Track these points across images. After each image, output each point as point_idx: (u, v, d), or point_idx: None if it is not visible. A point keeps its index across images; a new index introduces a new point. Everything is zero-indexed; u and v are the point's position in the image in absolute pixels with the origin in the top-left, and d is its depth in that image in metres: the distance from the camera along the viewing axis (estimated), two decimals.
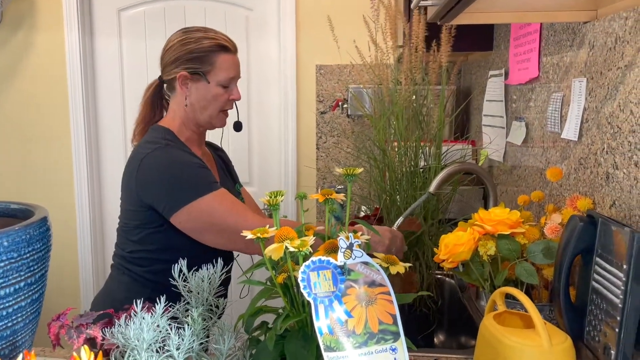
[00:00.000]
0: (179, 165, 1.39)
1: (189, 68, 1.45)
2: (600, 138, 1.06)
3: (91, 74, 2.76)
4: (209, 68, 1.46)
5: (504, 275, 1.16)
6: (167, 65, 1.49)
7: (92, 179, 2.79)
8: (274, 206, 0.89)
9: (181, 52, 1.45)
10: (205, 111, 1.49)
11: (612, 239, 0.89)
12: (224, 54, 1.48)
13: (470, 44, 1.99)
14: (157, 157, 1.38)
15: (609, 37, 1.02)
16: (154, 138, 1.45)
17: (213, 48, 1.46)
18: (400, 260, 0.91)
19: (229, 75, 1.49)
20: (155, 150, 1.39)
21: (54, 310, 0.98)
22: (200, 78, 1.46)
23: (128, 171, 1.44)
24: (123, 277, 1.48)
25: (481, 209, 1.32)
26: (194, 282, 0.94)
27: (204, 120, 1.51)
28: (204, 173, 1.41)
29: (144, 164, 1.38)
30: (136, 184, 1.39)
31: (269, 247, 0.80)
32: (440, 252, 1.22)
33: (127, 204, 1.45)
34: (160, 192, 1.37)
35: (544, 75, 1.39)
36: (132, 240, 1.45)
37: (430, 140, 1.64)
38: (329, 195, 0.92)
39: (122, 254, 1.49)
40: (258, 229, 0.84)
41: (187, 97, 1.48)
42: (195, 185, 1.37)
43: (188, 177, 1.38)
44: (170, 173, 1.37)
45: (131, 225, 1.45)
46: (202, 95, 1.47)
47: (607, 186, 1.03)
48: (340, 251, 0.80)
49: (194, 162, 1.42)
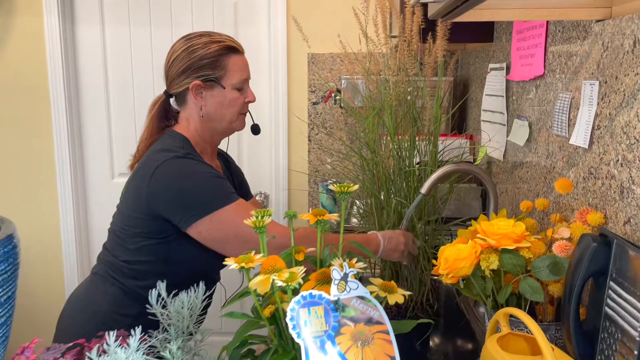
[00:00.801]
0: (197, 175, 1.32)
1: (201, 76, 1.38)
2: (614, 148, 0.98)
3: (72, 62, 2.64)
4: (222, 73, 1.39)
5: (508, 293, 1.09)
6: (176, 78, 1.40)
7: (76, 173, 2.69)
8: (260, 228, 0.81)
9: (190, 60, 1.37)
10: (225, 118, 1.43)
11: (629, 264, 0.82)
12: (234, 56, 1.41)
13: (469, 36, 1.89)
14: (174, 167, 1.31)
15: (626, 39, 0.94)
16: (170, 146, 1.36)
17: (222, 51, 1.39)
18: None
19: (242, 76, 1.43)
20: (171, 159, 1.31)
21: (35, 313, 0.89)
22: (215, 84, 1.39)
23: (139, 178, 1.35)
24: (110, 288, 1.38)
25: (483, 220, 1.24)
26: (172, 308, 0.86)
27: (224, 128, 1.45)
28: (222, 184, 1.35)
29: (158, 173, 1.30)
30: (148, 193, 1.31)
31: (254, 280, 0.72)
32: (439, 265, 1.15)
33: (131, 211, 1.36)
34: (177, 202, 1.30)
35: (550, 73, 1.31)
36: (129, 248, 1.36)
37: (426, 134, 1.55)
38: (321, 216, 0.84)
39: (114, 262, 1.39)
40: (242, 256, 0.76)
41: (203, 107, 1.40)
42: (217, 194, 1.31)
43: (208, 186, 1.31)
44: (189, 183, 1.30)
45: (131, 232, 1.36)
46: (219, 103, 1.41)
47: (621, 201, 0.95)
48: (333, 283, 0.72)
49: (211, 172, 1.35)
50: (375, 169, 1.59)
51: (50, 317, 1.57)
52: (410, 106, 1.57)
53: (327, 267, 0.80)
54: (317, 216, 0.83)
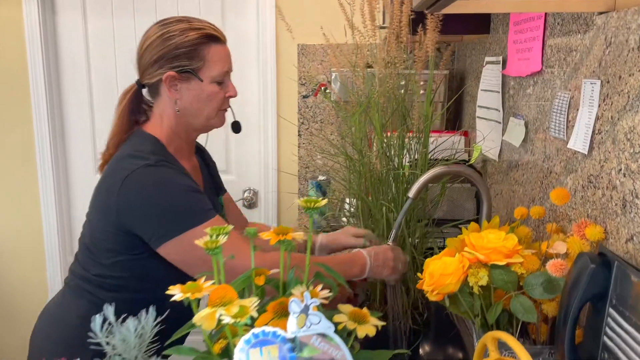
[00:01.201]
0: (170, 189, 1.19)
1: (176, 67, 1.24)
2: (616, 156, 0.88)
3: (53, 53, 2.53)
4: (200, 64, 1.25)
5: (498, 312, 1.00)
6: (148, 67, 1.26)
7: (58, 168, 2.59)
8: (213, 250, 0.71)
9: (164, 48, 1.23)
10: (201, 114, 1.29)
11: (632, 291, 0.72)
12: (215, 45, 1.27)
13: (464, 27, 1.79)
14: (146, 178, 1.18)
15: (632, 35, 0.84)
16: (139, 152, 1.22)
17: (202, 40, 1.25)
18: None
19: (223, 69, 1.29)
20: (142, 167, 1.18)
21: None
22: (192, 77, 1.25)
23: (107, 187, 1.22)
24: (82, 302, 1.27)
25: (473, 229, 1.14)
26: (118, 336, 0.76)
27: (201, 124, 1.31)
28: (198, 199, 1.21)
29: (128, 183, 1.17)
30: (117, 206, 1.18)
31: (199, 315, 0.62)
32: (424, 280, 1.05)
33: (101, 224, 1.24)
34: (148, 219, 1.17)
35: (548, 70, 1.21)
36: (102, 263, 1.25)
37: (417, 132, 1.45)
38: (285, 234, 0.74)
39: (85, 275, 1.28)
40: (189, 284, 0.66)
41: (178, 101, 1.27)
42: (189, 213, 1.17)
43: (181, 203, 1.18)
44: (161, 198, 1.18)
45: (102, 246, 1.25)
46: (195, 97, 1.27)
47: (623, 216, 0.86)
48: (292, 316, 0.63)
49: (187, 185, 1.22)
50: (361, 170, 1.49)
51: (31, 316, 1.46)
52: (399, 102, 1.47)
53: (289, 295, 0.71)
54: (280, 235, 0.73)
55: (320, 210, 2.35)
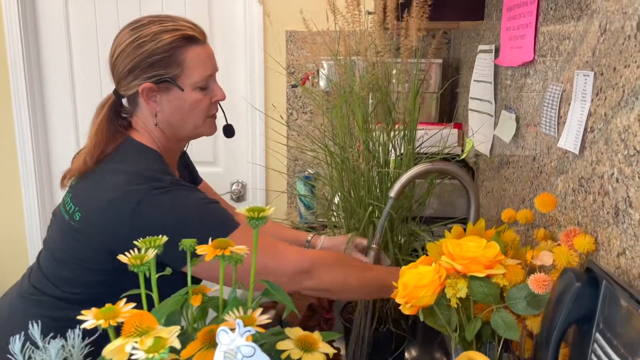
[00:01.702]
0: (193, 208, 1.08)
1: (152, 77, 1.11)
2: (608, 158, 0.78)
3: (34, 40, 2.44)
4: (178, 71, 1.12)
5: (476, 328, 0.90)
6: (123, 78, 1.13)
7: (40, 158, 2.51)
8: (137, 266, 0.62)
9: (137, 57, 1.10)
10: (187, 124, 1.17)
11: (620, 315, 0.63)
12: (193, 47, 1.13)
13: (459, 13, 1.68)
14: (168, 201, 1.05)
15: (627, 21, 0.73)
16: (143, 169, 1.09)
17: (177, 43, 1.11)
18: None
19: (205, 72, 1.15)
20: (159, 194, 1.05)
21: None
22: (171, 86, 1.12)
23: (111, 210, 1.06)
24: (43, 320, 1.13)
25: (455, 233, 1.05)
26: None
27: (188, 133, 1.20)
28: (218, 210, 1.11)
29: (145, 210, 1.04)
30: (133, 230, 1.02)
31: (108, 347, 0.53)
32: (397, 291, 0.96)
33: (102, 247, 1.08)
34: (175, 242, 1.05)
35: (540, 59, 1.10)
36: (86, 281, 1.12)
37: (403, 124, 1.35)
38: (223, 248, 0.65)
39: (53, 294, 1.14)
40: (103, 310, 0.57)
41: (159, 114, 1.14)
42: (216, 227, 1.07)
43: (207, 219, 1.08)
44: (187, 218, 1.06)
45: (91, 267, 1.11)
46: (177, 107, 1.14)
47: (615, 226, 0.76)
48: (218, 350, 0.54)
49: (205, 198, 1.11)
50: (343, 166, 1.40)
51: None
52: (383, 94, 1.37)
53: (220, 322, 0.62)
54: (218, 249, 0.64)
55: (308, 204, 2.27)
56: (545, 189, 1.04)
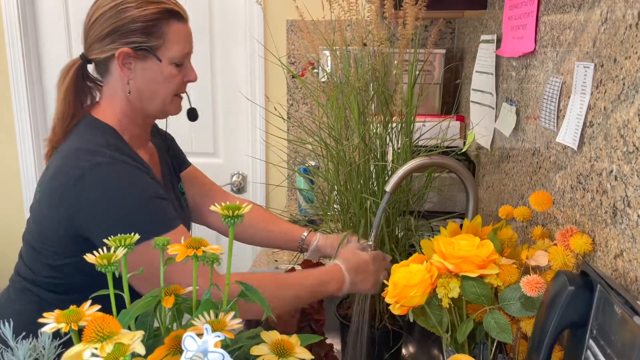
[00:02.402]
0: (129, 194, 1.06)
1: (131, 43, 1.10)
2: (607, 154, 0.74)
3: (33, 33, 2.42)
4: (159, 42, 1.12)
5: (468, 330, 0.87)
6: (98, 40, 1.12)
7: (39, 144, 2.50)
8: (104, 266, 0.60)
9: (119, 21, 1.10)
10: (157, 97, 1.16)
11: (614, 324, 0.59)
12: (177, 23, 1.14)
13: (459, 1, 1.63)
14: (101, 178, 1.04)
15: (629, 9, 0.69)
16: (93, 145, 1.09)
17: (162, 15, 1.12)
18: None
19: (184, 50, 1.16)
20: (97, 165, 1.04)
21: None
22: (149, 55, 1.12)
23: (54, 186, 1.08)
24: (27, 307, 1.15)
25: (450, 230, 1.02)
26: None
27: (155, 109, 1.19)
28: (160, 206, 1.08)
29: (81, 183, 1.04)
30: (68, 206, 1.05)
31: (68, 353, 0.51)
32: (388, 290, 0.93)
33: (52, 225, 1.11)
34: (101, 223, 1.04)
35: (541, 50, 1.06)
36: (50, 265, 1.13)
37: (399, 116, 1.31)
38: (197, 248, 0.62)
39: (32, 278, 1.16)
40: (68, 311, 0.55)
41: (131, 81, 1.14)
42: (149, 222, 1.05)
43: (140, 211, 1.06)
44: (118, 203, 1.04)
45: (50, 248, 1.12)
46: (151, 78, 1.14)
47: (613, 226, 0.72)
48: (184, 357, 0.51)
49: (149, 189, 1.09)
50: (338, 158, 1.36)
51: None
52: (380, 85, 1.33)
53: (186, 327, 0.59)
54: (190, 249, 0.61)
55: (308, 196, 2.24)
56: (544, 184, 1.01)
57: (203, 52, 2.34)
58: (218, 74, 2.39)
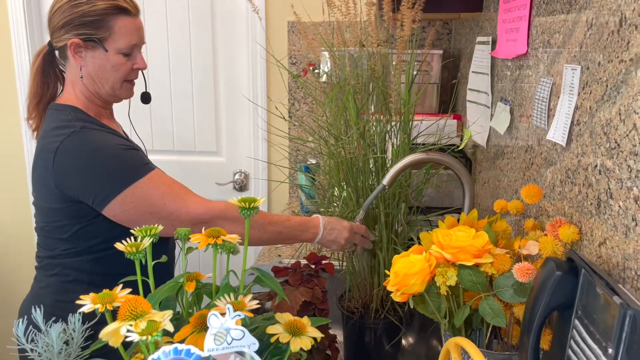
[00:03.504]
0: (103, 150, 1.20)
1: (82, 34, 1.24)
2: (592, 150, 0.80)
3: (38, 26, 2.47)
4: (106, 34, 1.25)
5: (464, 315, 0.93)
6: (56, 30, 1.26)
7: None
8: (133, 254, 0.65)
9: (71, 15, 1.23)
10: (106, 83, 1.29)
11: (597, 304, 0.66)
12: (124, 17, 1.27)
13: (458, 3, 1.69)
14: (76, 144, 1.18)
15: (612, 16, 0.75)
16: (63, 122, 1.24)
17: (110, 10, 1.25)
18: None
19: (131, 42, 1.28)
20: (70, 136, 1.18)
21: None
22: (97, 46, 1.26)
23: (41, 166, 1.23)
24: (51, 279, 1.28)
25: (447, 223, 1.08)
26: (41, 343, 0.71)
27: (106, 93, 1.31)
28: (133, 155, 1.23)
29: (60, 154, 1.17)
30: (55, 179, 1.18)
31: (105, 330, 0.57)
32: (389, 279, 0.99)
33: (48, 202, 1.24)
34: (86, 183, 1.18)
35: (533, 52, 1.12)
36: (63, 238, 1.25)
37: (396, 115, 1.37)
38: (217, 237, 0.68)
39: (51, 255, 1.28)
40: (101, 294, 0.61)
41: (83, 68, 1.27)
42: (126, 170, 1.18)
43: (116, 161, 1.19)
44: (95, 160, 1.18)
45: (57, 224, 1.25)
46: (100, 66, 1.28)
47: (597, 217, 0.78)
48: (209, 333, 0.57)
49: (119, 143, 1.23)
50: (338, 156, 1.42)
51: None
52: (378, 85, 1.39)
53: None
54: (210, 237, 0.67)
55: (309, 193, 2.29)
56: (536, 180, 1.07)
57: (206, 53, 2.40)
58: (220, 74, 2.45)
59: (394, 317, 1.40)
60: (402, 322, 1.43)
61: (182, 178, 1.69)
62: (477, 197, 1.62)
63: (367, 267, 1.42)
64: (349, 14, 1.32)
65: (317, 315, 1.33)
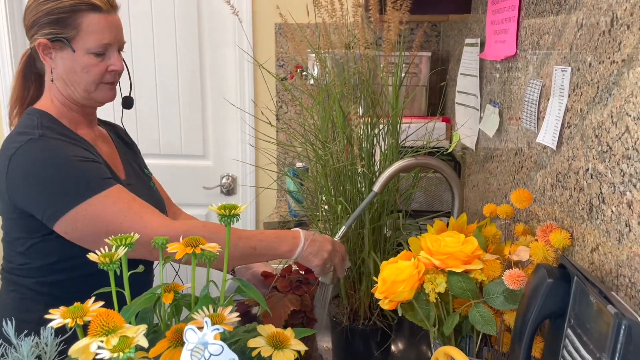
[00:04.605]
0: (56, 161, 1.10)
1: (48, 34, 1.16)
2: (584, 154, 0.78)
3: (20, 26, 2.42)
4: (73, 33, 1.17)
5: (454, 323, 0.91)
6: (27, 30, 1.20)
7: None
8: (107, 264, 0.62)
9: (38, 13, 1.16)
10: (78, 86, 1.21)
11: (590, 313, 0.63)
12: (93, 14, 1.17)
13: (446, 5, 1.67)
14: (30, 153, 1.10)
15: (603, 16, 0.73)
16: (25, 127, 1.16)
17: (77, 7, 1.16)
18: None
19: (102, 40, 1.18)
20: (26, 143, 1.10)
21: None
22: (64, 46, 1.17)
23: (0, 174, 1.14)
24: (10, 295, 1.22)
25: (437, 228, 1.05)
26: (11, 357, 0.68)
27: (80, 96, 1.22)
28: (91, 167, 1.13)
29: (14, 161, 1.10)
30: (7, 187, 1.11)
31: (75, 347, 0.53)
32: (377, 286, 0.97)
33: (5, 212, 1.18)
34: (37, 196, 1.09)
35: (522, 54, 1.10)
36: (20, 252, 1.19)
37: (384, 118, 1.35)
38: (195, 246, 0.65)
39: (11, 267, 1.23)
40: (73, 307, 0.57)
41: (54, 70, 1.19)
42: (80, 184, 1.09)
43: (70, 175, 1.09)
44: (47, 171, 1.09)
45: (14, 236, 1.18)
46: (69, 67, 1.19)
47: (589, 221, 0.76)
48: (186, 349, 0.54)
49: (77, 155, 1.13)
50: (325, 162, 1.39)
51: None
52: (364, 88, 1.36)
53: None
54: (189, 247, 0.64)
55: (298, 197, 2.26)
56: (526, 183, 1.05)
57: (192, 55, 2.37)
58: (207, 76, 2.42)
59: (383, 323, 1.38)
60: (391, 328, 1.40)
61: (168, 182, 1.66)
62: (467, 200, 1.60)
63: (356, 272, 1.39)
64: (335, 15, 1.30)
65: (306, 324, 1.30)
